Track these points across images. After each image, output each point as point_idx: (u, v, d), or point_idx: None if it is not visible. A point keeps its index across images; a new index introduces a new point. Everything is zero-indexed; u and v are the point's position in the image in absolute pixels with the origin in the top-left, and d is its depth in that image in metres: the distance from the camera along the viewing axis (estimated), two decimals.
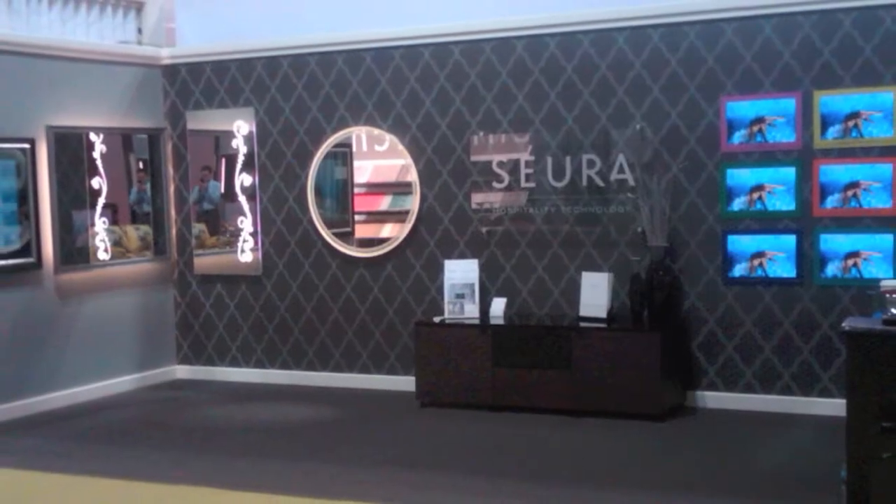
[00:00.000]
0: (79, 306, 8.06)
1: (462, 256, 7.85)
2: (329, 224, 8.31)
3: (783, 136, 6.95)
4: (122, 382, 8.40)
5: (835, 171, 6.84)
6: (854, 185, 6.79)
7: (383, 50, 8.02)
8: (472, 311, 7.67)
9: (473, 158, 7.80)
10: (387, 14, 8.07)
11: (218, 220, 8.71)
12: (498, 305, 7.67)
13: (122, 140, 8.38)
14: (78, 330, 8.05)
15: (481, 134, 7.77)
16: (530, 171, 7.63)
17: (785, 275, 7.01)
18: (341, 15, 8.23)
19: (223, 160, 8.64)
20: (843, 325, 5.02)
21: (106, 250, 8.20)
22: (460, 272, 7.73)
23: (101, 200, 8.14)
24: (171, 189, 8.79)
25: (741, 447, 6.28)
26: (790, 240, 6.97)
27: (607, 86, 7.41)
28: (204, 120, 8.67)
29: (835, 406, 6.63)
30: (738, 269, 7.13)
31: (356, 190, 8.27)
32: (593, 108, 7.45)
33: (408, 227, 8.02)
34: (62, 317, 7.93)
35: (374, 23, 8.07)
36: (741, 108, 7.05)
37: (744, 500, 5.30)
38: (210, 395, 8.25)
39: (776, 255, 7.03)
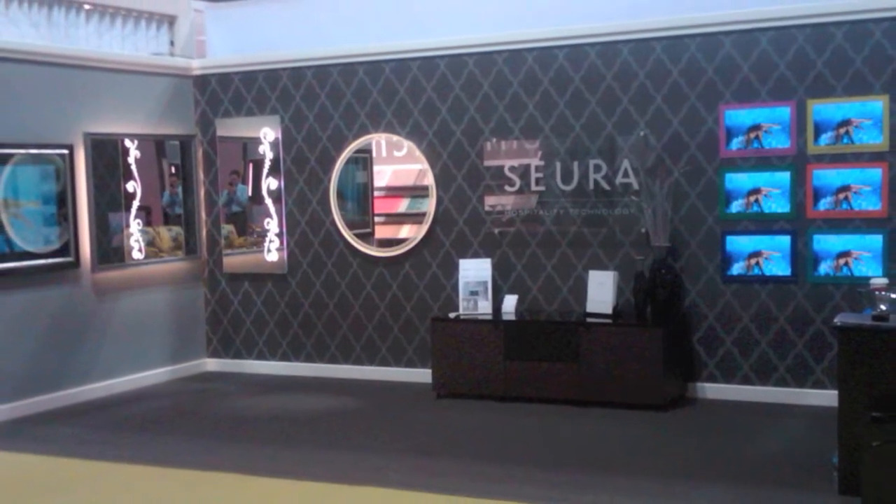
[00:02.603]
0: (114, 303, 8.18)
1: (476, 256, 7.94)
2: (350, 225, 8.41)
3: (778, 142, 7.04)
4: (156, 375, 8.53)
5: (827, 176, 6.93)
6: (845, 188, 6.88)
7: (402, 61, 8.10)
8: (485, 307, 7.74)
9: (486, 163, 7.90)
10: (405, 27, 8.16)
11: (245, 222, 8.80)
12: (509, 302, 7.75)
13: (156, 146, 8.48)
14: (114, 325, 8.18)
15: (494, 140, 7.86)
16: (540, 175, 7.72)
17: (780, 273, 7.09)
18: (362, 28, 8.33)
19: (250, 165, 8.73)
20: (835, 320, 5.18)
21: (140, 250, 8.31)
22: (474, 271, 7.80)
23: (136, 203, 8.26)
24: (202, 192, 8.89)
25: (739, 435, 6.37)
26: (785, 240, 7.06)
27: (613, 95, 7.49)
28: (232, 127, 8.75)
29: (827, 397, 6.76)
30: (736, 268, 7.21)
31: (376, 193, 8.37)
32: (599, 116, 7.55)
33: (424, 228, 8.14)
34: (99, 313, 8.06)
35: (393, 36, 8.16)
36: (739, 115, 7.14)
37: (741, 485, 5.37)
38: (238, 386, 8.34)
39: (772, 255, 7.11)
